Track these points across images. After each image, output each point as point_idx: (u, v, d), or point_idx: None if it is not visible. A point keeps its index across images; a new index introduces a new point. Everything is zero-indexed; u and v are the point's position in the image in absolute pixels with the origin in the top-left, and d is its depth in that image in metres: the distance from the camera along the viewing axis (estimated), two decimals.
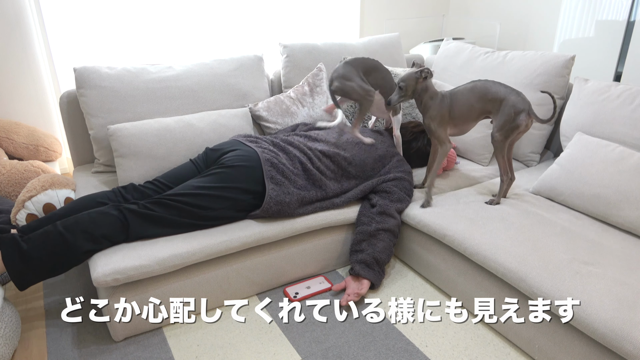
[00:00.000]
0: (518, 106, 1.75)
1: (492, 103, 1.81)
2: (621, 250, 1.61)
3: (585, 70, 3.19)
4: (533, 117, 1.78)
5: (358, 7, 3.66)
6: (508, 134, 1.79)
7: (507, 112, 1.75)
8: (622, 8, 2.93)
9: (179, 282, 1.70)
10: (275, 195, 1.82)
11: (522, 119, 1.75)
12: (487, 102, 1.82)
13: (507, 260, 1.58)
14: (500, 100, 1.78)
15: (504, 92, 1.79)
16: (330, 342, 1.65)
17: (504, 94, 1.78)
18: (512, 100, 1.76)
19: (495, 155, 1.87)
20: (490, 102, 1.81)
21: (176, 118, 2.14)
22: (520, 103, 1.76)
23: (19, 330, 1.63)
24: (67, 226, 1.60)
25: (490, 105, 1.82)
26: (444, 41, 2.89)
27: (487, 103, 1.82)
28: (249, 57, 2.48)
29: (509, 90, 1.79)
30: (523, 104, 1.77)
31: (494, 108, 1.82)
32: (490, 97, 1.81)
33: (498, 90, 1.80)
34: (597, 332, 1.32)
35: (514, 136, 1.81)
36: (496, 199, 1.91)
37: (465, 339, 1.66)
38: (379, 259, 1.86)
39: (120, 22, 2.93)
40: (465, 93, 1.86)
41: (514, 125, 1.75)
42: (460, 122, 1.88)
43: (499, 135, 1.80)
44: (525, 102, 1.77)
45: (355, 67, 2.02)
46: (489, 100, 1.81)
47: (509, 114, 1.75)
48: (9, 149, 2.63)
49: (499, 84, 1.82)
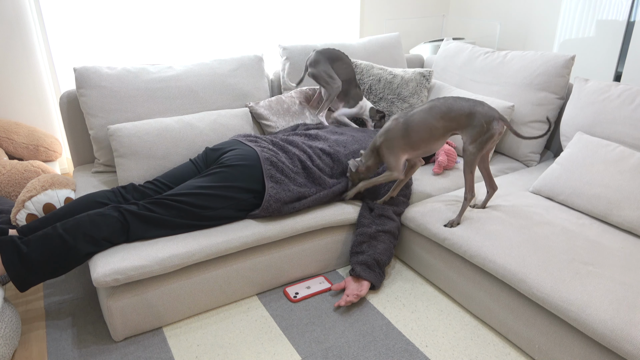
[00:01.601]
0: (488, 115, 1.69)
1: (456, 120, 1.72)
2: (621, 250, 1.61)
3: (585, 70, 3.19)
4: (506, 123, 1.72)
5: (358, 7, 3.66)
6: (483, 145, 1.70)
7: (478, 123, 1.68)
8: (622, 8, 2.93)
9: (179, 282, 1.70)
10: (275, 194, 1.82)
11: (496, 127, 1.69)
12: (450, 120, 1.73)
13: (507, 262, 1.58)
14: (466, 115, 1.71)
15: (467, 106, 1.71)
16: (330, 342, 1.65)
17: (468, 108, 1.71)
18: (480, 111, 1.69)
19: (464, 171, 1.76)
20: (454, 120, 1.72)
21: (176, 118, 2.14)
22: (489, 111, 1.69)
23: (19, 331, 1.63)
24: (67, 228, 1.60)
25: (456, 123, 1.73)
26: (444, 41, 2.90)
27: (451, 121, 1.73)
28: (249, 57, 2.48)
29: (472, 103, 1.71)
30: (492, 111, 1.70)
31: (461, 124, 1.73)
32: (454, 114, 1.72)
33: (462, 106, 1.72)
34: (597, 332, 1.32)
35: (489, 146, 1.72)
36: (456, 219, 1.80)
37: (465, 339, 1.66)
38: (379, 260, 1.86)
39: (120, 22, 2.93)
40: (422, 115, 1.75)
41: (488, 135, 1.69)
42: (422, 145, 1.78)
43: (472, 147, 1.71)
44: (493, 110, 1.71)
45: (324, 55, 2.35)
46: (452, 118, 1.72)
47: (481, 125, 1.68)
48: (9, 149, 2.63)
49: (460, 98, 1.74)
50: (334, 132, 2.19)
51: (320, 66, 2.32)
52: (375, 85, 2.55)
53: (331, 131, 2.19)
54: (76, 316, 1.79)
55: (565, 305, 1.40)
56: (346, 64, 2.39)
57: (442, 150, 2.24)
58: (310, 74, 2.35)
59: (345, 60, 2.39)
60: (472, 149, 1.72)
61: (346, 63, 2.39)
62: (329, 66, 2.33)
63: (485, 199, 1.91)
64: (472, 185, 1.78)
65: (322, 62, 2.33)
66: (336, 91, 2.32)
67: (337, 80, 2.33)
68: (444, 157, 2.22)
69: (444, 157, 2.22)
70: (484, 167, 1.85)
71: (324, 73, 2.30)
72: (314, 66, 2.33)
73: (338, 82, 2.33)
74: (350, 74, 2.40)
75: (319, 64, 2.33)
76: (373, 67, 2.58)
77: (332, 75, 2.32)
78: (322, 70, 2.31)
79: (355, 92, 2.40)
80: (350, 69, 2.40)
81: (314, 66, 2.33)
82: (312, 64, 2.34)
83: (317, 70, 2.32)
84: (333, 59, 2.36)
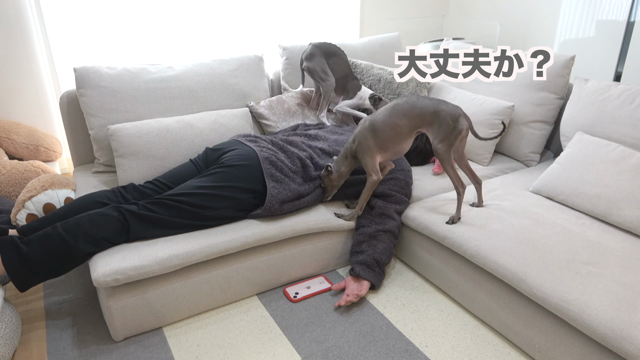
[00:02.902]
0: (453, 112, 1.70)
1: (420, 118, 1.74)
2: (621, 250, 1.61)
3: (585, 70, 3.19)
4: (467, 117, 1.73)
5: (358, 7, 3.66)
6: (452, 142, 1.72)
7: (444, 122, 1.69)
8: (622, 8, 2.93)
9: (179, 282, 1.70)
10: (276, 193, 1.82)
11: (462, 123, 1.70)
12: (413, 119, 1.74)
13: (507, 261, 1.58)
14: (430, 113, 1.72)
15: (431, 104, 1.73)
16: (330, 342, 1.65)
17: (433, 106, 1.72)
18: (445, 109, 1.71)
19: (444, 168, 1.77)
20: (417, 118, 1.74)
21: (176, 118, 2.14)
22: (453, 109, 1.71)
23: (19, 331, 1.63)
24: (67, 228, 1.60)
25: (419, 121, 1.75)
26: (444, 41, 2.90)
27: (414, 119, 1.74)
28: (249, 57, 2.48)
29: (435, 102, 1.73)
30: (456, 109, 1.72)
31: (425, 122, 1.74)
32: (417, 112, 1.74)
33: (425, 104, 1.73)
34: (597, 332, 1.32)
35: (457, 142, 1.73)
36: (456, 215, 1.82)
37: (465, 339, 1.66)
38: (379, 260, 1.86)
39: (120, 22, 2.93)
40: (385, 114, 1.77)
41: (456, 132, 1.70)
42: (390, 145, 1.79)
43: (442, 146, 1.72)
44: (457, 107, 1.72)
45: (320, 49, 2.35)
46: (415, 116, 1.74)
47: (447, 123, 1.69)
48: (9, 149, 2.63)
49: (422, 97, 1.76)
50: (334, 132, 2.19)
51: (315, 60, 2.32)
52: (375, 85, 2.55)
53: (331, 131, 2.19)
54: (76, 316, 1.79)
55: (565, 305, 1.40)
56: (342, 59, 2.39)
57: None
58: (305, 68, 2.35)
59: (341, 56, 2.39)
60: (442, 147, 1.73)
61: (342, 59, 2.39)
62: (324, 61, 2.34)
63: (477, 195, 1.91)
64: (458, 178, 1.81)
65: (317, 56, 2.33)
66: (330, 88, 2.33)
67: (331, 77, 2.33)
68: None
69: None
70: (463, 164, 1.85)
71: (318, 68, 2.31)
72: (309, 60, 2.33)
73: (331, 80, 2.33)
74: (346, 69, 2.40)
75: (315, 58, 2.33)
76: (373, 67, 2.58)
77: (326, 72, 2.32)
78: (317, 65, 2.31)
79: (352, 84, 2.40)
80: (346, 64, 2.40)
81: (309, 60, 2.33)
82: (308, 58, 2.34)
83: (312, 64, 2.32)
84: (329, 54, 2.36)
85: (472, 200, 1.95)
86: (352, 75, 2.42)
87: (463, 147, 1.80)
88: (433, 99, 1.75)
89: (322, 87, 2.33)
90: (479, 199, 1.91)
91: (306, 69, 2.35)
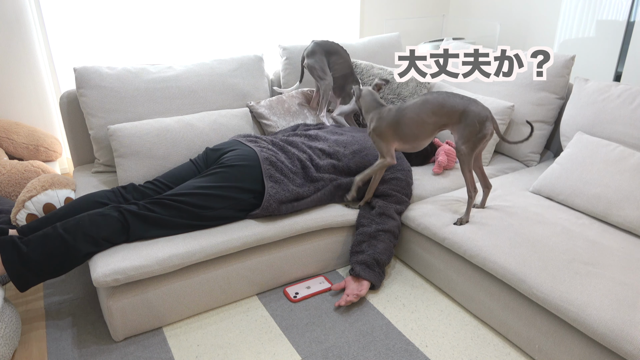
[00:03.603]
0: (482, 115, 1.67)
1: (448, 116, 1.71)
2: (621, 250, 1.61)
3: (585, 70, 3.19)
4: (495, 123, 1.71)
5: (358, 7, 3.66)
6: (476, 145, 1.69)
7: (471, 122, 1.66)
8: (622, 8, 2.93)
9: (179, 282, 1.70)
10: (274, 194, 1.82)
11: (488, 127, 1.67)
12: (442, 116, 1.71)
13: (507, 262, 1.58)
14: (459, 112, 1.69)
15: (462, 103, 1.69)
16: (330, 342, 1.65)
17: (462, 106, 1.68)
18: (474, 111, 1.67)
19: (462, 170, 1.76)
20: (446, 116, 1.71)
21: (176, 118, 2.14)
22: (482, 111, 1.68)
23: (19, 331, 1.63)
24: (67, 228, 1.60)
25: (447, 119, 1.72)
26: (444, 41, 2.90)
27: (442, 117, 1.71)
28: (249, 57, 2.48)
29: (466, 101, 1.69)
30: (485, 111, 1.68)
31: (452, 120, 1.71)
32: (446, 110, 1.70)
33: (455, 103, 1.69)
34: (597, 332, 1.32)
35: (481, 145, 1.71)
36: (464, 217, 1.79)
37: (465, 339, 1.66)
38: (379, 260, 1.86)
39: (121, 22, 2.93)
40: (414, 109, 1.74)
41: (481, 135, 1.67)
42: (411, 139, 1.78)
43: (465, 147, 1.70)
44: (486, 110, 1.69)
45: (321, 47, 2.35)
46: (444, 113, 1.71)
47: (473, 125, 1.66)
48: (9, 149, 2.63)
49: (454, 95, 1.73)
50: (334, 132, 2.19)
51: (316, 57, 2.32)
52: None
53: (331, 131, 2.19)
54: (76, 316, 1.79)
55: (565, 305, 1.40)
56: (343, 58, 2.39)
57: (442, 150, 2.24)
58: (306, 65, 2.35)
59: (342, 55, 2.39)
60: (465, 149, 1.71)
61: (343, 58, 2.39)
62: (324, 60, 2.34)
63: (482, 198, 1.91)
64: (473, 182, 1.78)
65: (318, 53, 2.34)
66: (328, 87, 2.33)
67: (329, 76, 2.33)
68: (444, 157, 2.22)
69: (444, 157, 2.22)
70: (477, 166, 1.85)
71: (318, 66, 2.31)
72: (310, 57, 2.34)
73: (329, 79, 2.33)
74: (347, 69, 2.39)
75: (315, 55, 2.33)
76: (373, 67, 2.58)
77: (325, 71, 2.32)
78: (317, 63, 2.31)
79: (351, 88, 2.39)
80: (347, 64, 2.40)
81: (310, 57, 2.33)
82: (309, 55, 2.34)
83: (312, 61, 2.32)
84: (330, 52, 2.36)
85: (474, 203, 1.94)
86: (353, 77, 2.40)
87: (482, 150, 1.78)
88: (464, 98, 1.71)
89: (320, 85, 2.33)
90: (483, 201, 1.91)
91: (306, 65, 2.36)
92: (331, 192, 1.97)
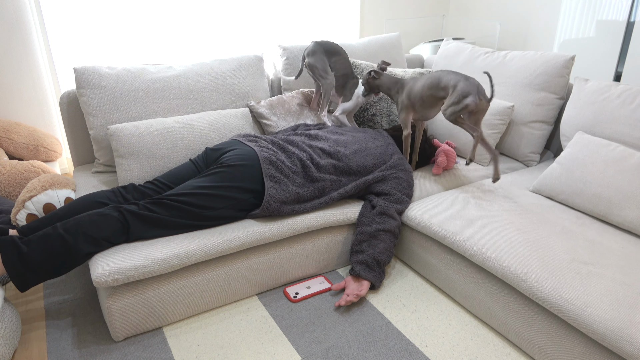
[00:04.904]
0: (466, 89, 1.88)
1: (444, 91, 1.96)
2: (621, 250, 1.61)
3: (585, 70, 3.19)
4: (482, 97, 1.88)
5: (358, 7, 3.66)
6: (456, 112, 1.89)
7: (456, 95, 1.89)
8: (622, 8, 2.93)
9: (179, 282, 1.70)
10: (274, 194, 1.82)
11: (469, 100, 1.86)
12: (439, 90, 1.97)
13: (507, 261, 1.58)
14: (451, 86, 1.93)
15: (454, 79, 1.92)
16: (330, 342, 1.65)
17: (455, 81, 1.92)
18: (462, 85, 1.89)
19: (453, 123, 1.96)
20: (442, 90, 1.96)
21: (176, 118, 2.14)
22: (467, 87, 1.88)
23: (19, 331, 1.63)
24: (67, 228, 1.60)
25: (443, 93, 1.96)
26: (444, 41, 2.89)
27: (439, 91, 1.97)
28: (249, 57, 2.48)
29: (459, 77, 1.92)
30: (470, 87, 1.88)
31: (447, 93, 1.95)
32: (442, 85, 1.95)
33: (449, 79, 1.94)
34: (597, 333, 1.32)
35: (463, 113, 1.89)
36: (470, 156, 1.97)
37: (465, 339, 1.66)
38: (379, 259, 1.86)
39: (121, 22, 2.93)
40: (420, 81, 2.05)
41: (462, 105, 1.87)
42: (419, 108, 2.08)
43: (445, 110, 1.92)
44: (473, 86, 1.88)
45: (322, 47, 2.37)
46: (441, 88, 1.96)
47: (457, 97, 1.89)
48: (9, 149, 2.63)
49: (452, 72, 1.96)
50: (335, 132, 2.19)
51: (317, 56, 2.34)
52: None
53: (331, 131, 2.19)
54: (76, 316, 1.79)
55: (565, 305, 1.40)
56: (343, 58, 2.40)
57: (441, 151, 2.24)
58: (306, 64, 2.36)
59: (342, 55, 2.40)
60: (446, 112, 1.92)
61: (343, 58, 2.40)
62: (325, 60, 2.35)
63: (494, 167, 1.99)
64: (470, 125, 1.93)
65: (318, 53, 2.35)
66: (330, 87, 2.33)
67: (331, 75, 2.34)
68: (443, 157, 2.22)
69: (443, 157, 2.22)
70: (478, 136, 1.94)
71: (319, 66, 2.32)
72: (311, 56, 2.34)
73: (331, 78, 2.34)
74: (347, 68, 2.41)
75: (316, 54, 2.34)
76: (373, 67, 2.58)
77: (326, 70, 2.33)
78: (318, 62, 2.33)
79: (351, 84, 2.40)
80: (347, 63, 2.41)
81: (311, 56, 2.34)
82: (310, 54, 2.35)
83: (313, 60, 2.33)
84: (331, 53, 2.37)
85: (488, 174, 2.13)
86: (352, 75, 2.42)
87: (475, 121, 1.93)
88: (458, 74, 1.93)
89: (322, 85, 2.33)
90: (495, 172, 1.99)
91: (307, 65, 2.36)
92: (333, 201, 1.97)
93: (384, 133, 2.25)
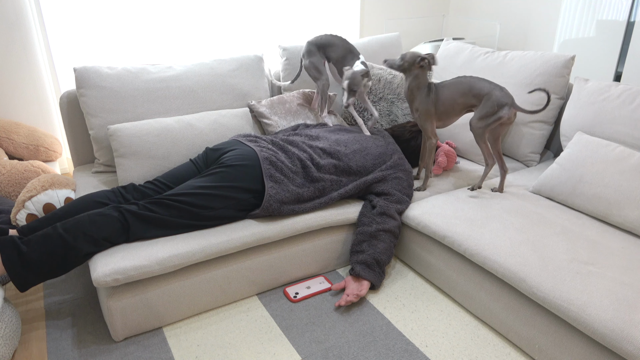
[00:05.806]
0: (502, 100, 1.85)
1: (476, 98, 1.92)
2: (621, 250, 1.61)
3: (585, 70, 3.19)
4: (517, 109, 1.87)
5: (358, 7, 3.66)
6: (489, 124, 1.88)
7: (490, 105, 1.86)
8: (622, 8, 2.93)
9: (179, 282, 1.70)
10: (274, 194, 1.82)
11: (505, 112, 1.84)
12: (471, 98, 1.93)
13: (507, 261, 1.58)
14: (484, 94, 1.90)
15: (488, 87, 1.90)
16: (330, 342, 1.65)
17: (488, 89, 1.89)
18: (496, 95, 1.87)
19: (477, 142, 1.94)
20: (474, 98, 1.92)
21: (176, 118, 2.14)
22: (503, 97, 1.86)
23: (19, 331, 1.63)
24: (67, 228, 1.60)
25: (475, 100, 1.93)
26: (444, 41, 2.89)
27: (471, 98, 1.93)
28: (249, 57, 2.48)
29: (492, 86, 1.89)
30: (506, 98, 1.86)
31: (478, 102, 1.92)
32: (474, 92, 1.92)
33: (482, 87, 1.90)
34: (597, 332, 1.32)
35: (494, 126, 1.89)
36: (478, 183, 1.98)
37: (465, 339, 1.66)
38: (379, 259, 1.86)
39: (120, 22, 2.93)
40: (450, 87, 1.96)
41: (496, 117, 1.85)
42: (444, 116, 2.00)
43: (477, 122, 1.89)
44: (508, 97, 1.86)
45: (315, 45, 2.35)
46: (473, 95, 1.92)
47: (492, 107, 1.86)
48: (9, 149, 2.63)
49: (483, 80, 1.92)
50: (335, 131, 2.19)
51: (311, 57, 2.34)
52: (375, 85, 2.55)
53: (332, 131, 2.19)
54: (76, 316, 1.79)
55: (566, 305, 1.40)
56: (337, 45, 2.36)
57: (441, 151, 2.24)
58: (303, 66, 2.37)
59: (336, 43, 2.36)
60: (478, 124, 1.89)
61: (337, 45, 2.36)
62: (319, 58, 2.35)
63: (500, 181, 2.01)
64: (489, 152, 1.95)
65: (313, 51, 2.35)
66: (325, 86, 2.33)
67: (324, 75, 2.34)
68: (444, 158, 2.22)
69: (444, 158, 2.22)
70: (496, 149, 1.97)
71: (312, 66, 2.33)
72: (305, 57, 2.36)
73: (324, 77, 2.34)
74: (344, 50, 2.34)
75: (310, 55, 2.35)
76: (373, 67, 2.58)
77: (319, 70, 2.33)
78: (311, 63, 2.33)
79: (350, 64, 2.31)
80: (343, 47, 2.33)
81: (305, 57, 2.35)
82: (305, 55, 2.36)
83: (307, 61, 2.34)
84: (324, 46, 2.36)
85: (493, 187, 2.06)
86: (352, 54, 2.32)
87: (500, 134, 1.95)
88: (492, 83, 1.91)
89: (317, 85, 2.34)
90: (500, 186, 2.01)
91: (304, 67, 2.37)
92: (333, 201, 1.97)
93: (384, 133, 2.25)
